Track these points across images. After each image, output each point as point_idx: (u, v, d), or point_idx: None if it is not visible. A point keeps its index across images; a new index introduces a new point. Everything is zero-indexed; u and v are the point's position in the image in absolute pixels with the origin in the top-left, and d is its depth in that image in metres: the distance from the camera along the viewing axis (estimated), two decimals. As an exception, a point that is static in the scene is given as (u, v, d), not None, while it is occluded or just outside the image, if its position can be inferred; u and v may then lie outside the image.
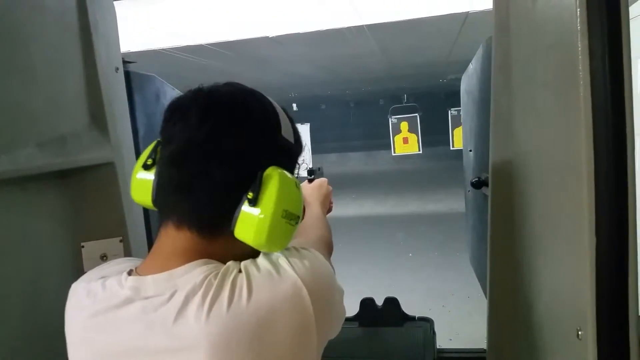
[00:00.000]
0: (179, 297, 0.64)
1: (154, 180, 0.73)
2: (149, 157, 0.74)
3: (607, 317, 0.72)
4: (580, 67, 0.70)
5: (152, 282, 0.67)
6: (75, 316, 0.71)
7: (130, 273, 0.71)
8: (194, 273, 0.66)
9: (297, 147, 0.81)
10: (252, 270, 0.67)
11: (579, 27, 0.69)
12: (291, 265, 0.68)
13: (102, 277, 0.72)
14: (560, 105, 0.83)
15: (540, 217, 1.00)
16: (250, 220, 0.69)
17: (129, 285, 0.68)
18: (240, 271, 0.67)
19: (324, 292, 0.69)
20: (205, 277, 0.65)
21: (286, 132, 0.77)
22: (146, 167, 0.74)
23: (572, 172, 0.76)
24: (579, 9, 0.69)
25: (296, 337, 0.64)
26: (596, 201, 0.70)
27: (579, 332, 0.76)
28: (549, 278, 0.97)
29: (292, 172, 0.78)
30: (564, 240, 0.85)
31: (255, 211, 0.69)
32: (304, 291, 0.65)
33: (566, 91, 0.77)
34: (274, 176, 0.71)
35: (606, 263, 0.71)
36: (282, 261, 0.68)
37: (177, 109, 0.72)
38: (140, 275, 0.69)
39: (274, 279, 0.66)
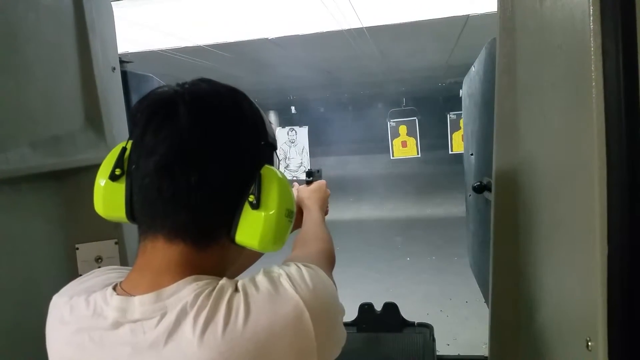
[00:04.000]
0: (169, 319, 0.60)
1: (130, 192, 0.67)
2: (116, 167, 0.68)
3: (620, 326, 0.69)
4: (592, 68, 0.67)
5: (139, 304, 0.62)
6: (58, 331, 0.67)
7: (115, 288, 0.66)
8: (185, 292, 0.61)
9: (276, 142, 0.79)
10: (251, 289, 0.62)
11: (591, 26, 0.67)
12: (293, 285, 0.63)
13: (85, 292, 0.67)
14: (570, 107, 0.80)
15: (547, 224, 0.98)
16: (255, 224, 0.66)
17: (115, 305, 0.63)
18: (236, 290, 0.62)
19: (326, 315, 0.65)
20: (197, 296, 0.60)
21: (269, 128, 0.76)
22: (114, 177, 0.68)
23: (583, 177, 0.74)
24: (592, 7, 0.67)
25: None
26: (608, 208, 0.68)
27: (589, 343, 0.73)
28: (555, 286, 0.94)
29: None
30: (572, 247, 0.83)
31: (259, 214, 0.67)
32: (306, 314, 0.61)
33: (577, 92, 0.75)
34: (272, 176, 0.69)
35: (618, 271, 0.69)
36: (284, 280, 0.64)
37: (156, 112, 0.66)
38: (126, 292, 0.65)
39: (274, 300, 0.61)
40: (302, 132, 9.37)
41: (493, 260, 1.29)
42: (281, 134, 9.32)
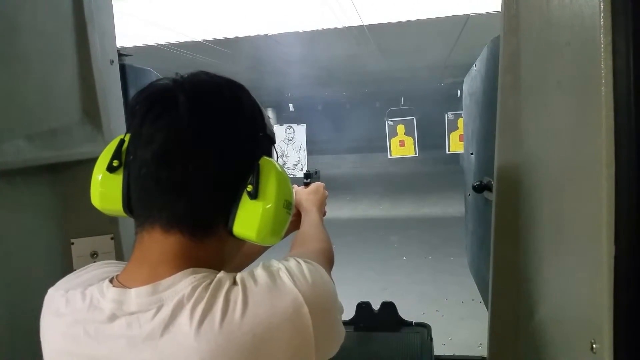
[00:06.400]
0: (166, 312, 0.59)
1: (127, 183, 0.67)
2: (113, 158, 0.68)
3: (626, 328, 0.68)
4: (602, 65, 0.66)
5: (136, 296, 0.61)
6: (53, 324, 0.66)
7: (112, 281, 0.66)
8: (182, 284, 0.61)
9: (274, 135, 0.79)
10: (249, 283, 0.61)
11: (602, 23, 0.66)
12: (292, 279, 0.63)
13: (81, 285, 0.67)
14: (576, 106, 0.79)
15: (550, 223, 0.97)
16: (253, 214, 0.66)
17: (112, 297, 0.62)
18: (235, 283, 0.62)
19: (325, 311, 0.64)
20: (194, 289, 0.60)
21: (267, 122, 0.76)
22: (111, 169, 0.68)
23: (590, 177, 0.73)
24: (602, 4, 0.66)
25: (294, 357, 0.60)
26: (616, 208, 0.67)
27: (594, 345, 0.72)
28: (558, 286, 0.93)
29: None
30: (577, 247, 0.82)
31: (257, 204, 0.66)
32: (305, 308, 0.61)
33: (584, 91, 0.74)
34: (270, 167, 0.69)
35: (625, 272, 0.67)
36: (283, 273, 0.63)
37: (155, 102, 0.66)
38: (123, 285, 0.64)
39: (272, 293, 0.61)
40: (300, 130, 9.36)
41: (493, 260, 1.28)
42: (279, 132, 9.30)
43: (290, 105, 11.69)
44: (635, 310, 0.68)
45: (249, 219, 0.66)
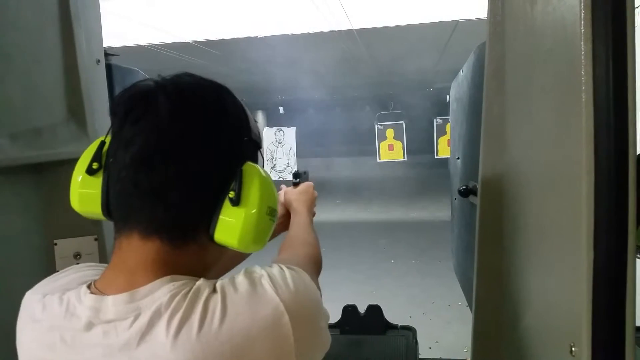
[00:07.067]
0: (143, 320, 0.57)
1: (107, 186, 0.65)
2: (93, 161, 0.66)
3: (604, 332, 0.69)
4: (582, 72, 0.67)
5: (113, 304, 0.60)
6: (29, 330, 0.65)
7: (90, 287, 0.64)
8: (159, 292, 0.59)
9: (260, 140, 0.77)
10: (229, 290, 0.60)
11: (582, 30, 0.67)
12: (274, 286, 0.61)
13: (59, 290, 0.65)
14: (558, 111, 0.80)
15: (532, 228, 0.98)
16: (235, 221, 0.64)
17: (88, 304, 0.61)
18: (214, 291, 0.60)
19: (307, 320, 0.63)
20: (172, 297, 0.58)
21: (253, 126, 0.74)
22: (91, 172, 0.66)
23: (570, 182, 0.74)
24: (583, 11, 0.67)
25: None
26: (595, 213, 0.68)
27: (573, 349, 0.73)
28: (540, 290, 0.94)
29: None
30: (558, 252, 0.83)
31: (239, 211, 0.64)
32: (286, 318, 0.59)
33: (566, 97, 0.75)
34: (254, 173, 0.67)
35: (603, 277, 0.68)
36: (265, 281, 0.62)
37: (136, 103, 0.64)
38: (100, 292, 0.62)
39: (253, 302, 0.59)
40: (290, 133, 9.34)
41: (477, 264, 1.29)
42: (269, 134, 9.28)
43: (280, 108, 11.66)
44: (613, 314, 0.69)
45: (231, 225, 0.64)
